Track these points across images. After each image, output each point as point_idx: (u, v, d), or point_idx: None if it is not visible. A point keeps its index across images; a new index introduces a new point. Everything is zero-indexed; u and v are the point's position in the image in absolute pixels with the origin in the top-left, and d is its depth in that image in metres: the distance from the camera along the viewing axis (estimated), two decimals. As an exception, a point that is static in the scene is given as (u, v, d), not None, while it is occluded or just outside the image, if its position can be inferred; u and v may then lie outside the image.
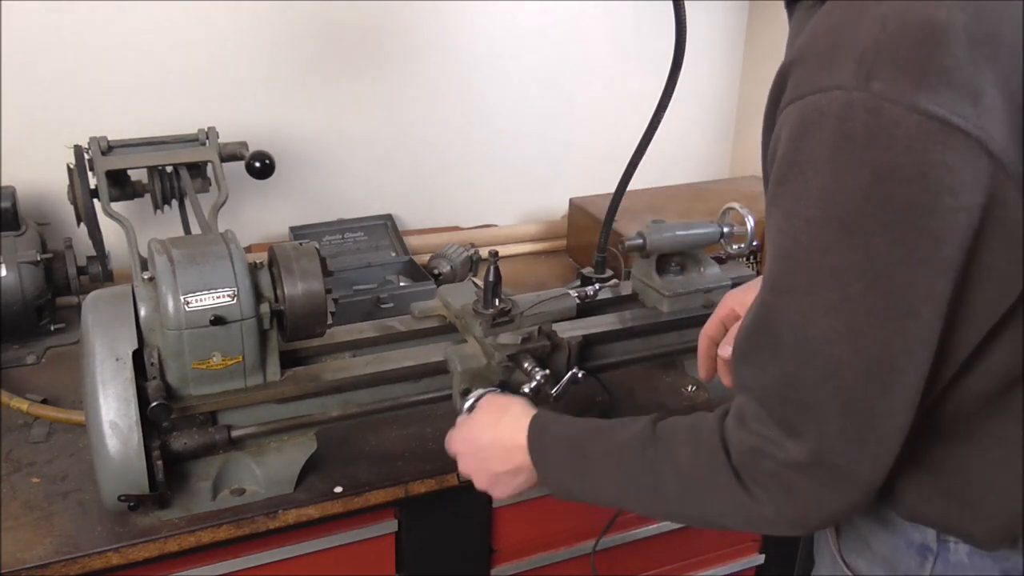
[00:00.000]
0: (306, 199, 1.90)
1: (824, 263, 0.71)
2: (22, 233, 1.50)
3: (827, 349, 0.72)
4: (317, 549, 1.23)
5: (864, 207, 0.68)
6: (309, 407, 1.20)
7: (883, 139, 0.67)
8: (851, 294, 0.71)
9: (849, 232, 0.69)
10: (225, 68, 1.75)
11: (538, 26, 1.98)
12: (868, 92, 0.67)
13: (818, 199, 0.70)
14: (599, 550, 1.32)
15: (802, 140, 0.70)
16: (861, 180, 0.68)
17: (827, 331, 0.72)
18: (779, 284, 0.75)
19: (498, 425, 1.02)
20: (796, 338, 0.74)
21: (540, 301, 1.29)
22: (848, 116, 0.68)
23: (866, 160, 0.67)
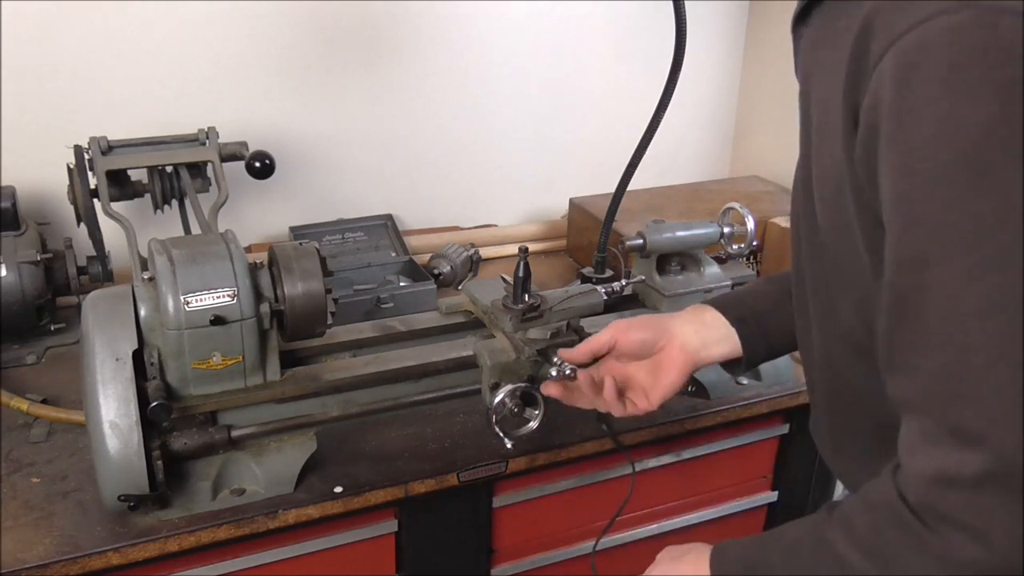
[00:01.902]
0: (306, 199, 1.90)
1: (957, 220, 0.59)
2: (22, 233, 1.50)
3: (987, 325, 0.59)
4: (317, 549, 1.23)
5: (991, 139, 0.57)
6: (309, 407, 1.20)
7: (1002, 54, 0.57)
8: (1000, 249, 0.58)
9: (979, 173, 0.58)
10: (225, 68, 1.75)
11: (538, 26, 1.98)
12: (977, 8, 0.57)
13: (935, 143, 0.59)
14: (599, 550, 1.32)
15: (907, 85, 0.60)
16: (983, 108, 0.57)
17: (981, 301, 0.59)
18: (909, 259, 0.62)
19: (681, 559, 0.91)
20: (945, 319, 0.60)
21: (568, 297, 1.30)
22: (958, 40, 0.58)
23: (986, 82, 0.57)
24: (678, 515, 1.52)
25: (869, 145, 0.65)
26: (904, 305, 0.63)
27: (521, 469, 1.28)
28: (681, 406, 1.40)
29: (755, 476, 1.58)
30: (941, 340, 0.61)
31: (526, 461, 1.28)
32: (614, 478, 1.39)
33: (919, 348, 0.63)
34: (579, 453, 1.31)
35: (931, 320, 0.61)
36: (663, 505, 1.50)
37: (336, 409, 1.21)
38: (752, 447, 1.52)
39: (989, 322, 0.59)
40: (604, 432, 1.31)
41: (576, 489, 1.39)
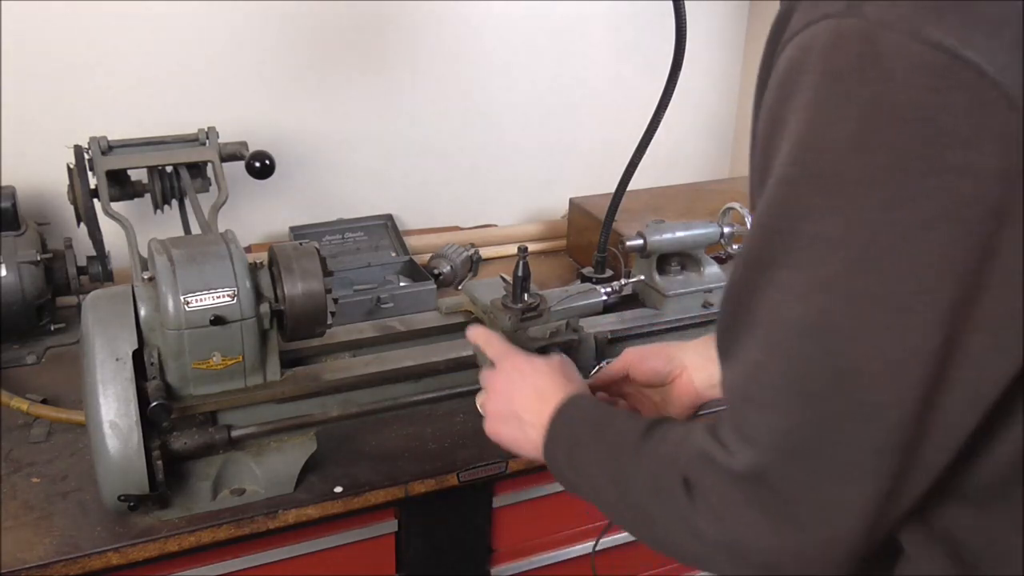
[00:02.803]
0: (306, 199, 1.90)
1: (803, 230, 0.57)
2: (22, 233, 1.50)
3: (793, 341, 0.58)
4: (317, 549, 1.23)
5: (848, 159, 0.55)
6: (309, 407, 1.20)
7: (877, 73, 0.54)
8: (830, 273, 0.56)
9: (830, 192, 0.56)
10: (225, 68, 1.75)
11: (538, 26, 1.98)
12: (861, 18, 0.54)
13: (797, 152, 0.57)
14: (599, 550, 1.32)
15: (785, 87, 0.59)
16: (847, 125, 0.55)
17: (801, 317, 0.58)
18: (753, 256, 0.61)
19: (552, 375, 0.92)
20: (769, 320, 0.60)
21: (567, 296, 1.31)
22: (836, 47, 0.55)
23: (854, 99, 0.54)
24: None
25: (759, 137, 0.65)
26: (742, 295, 0.63)
27: (521, 469, 1.28)
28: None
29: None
30: (761, 338, 0.61)
31: (526, 461, 1.28)
32: (614, 478, 1.39)
33: (746, 342, 0.63)
34: (579, 453, 1.31)
35: (760, 315, 0.61)
36: (663, 505, 1.50)
37: (336, 409, 1.21)
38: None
39: (799, 340, 0.58)
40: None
41: (576, 489, 1.39)
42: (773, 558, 0.62)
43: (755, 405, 0.62)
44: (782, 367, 0.59)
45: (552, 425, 0.86)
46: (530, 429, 0.89)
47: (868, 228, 0.55)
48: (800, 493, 0.59)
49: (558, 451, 0.85)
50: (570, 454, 0.84)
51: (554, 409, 0.87)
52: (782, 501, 0.60)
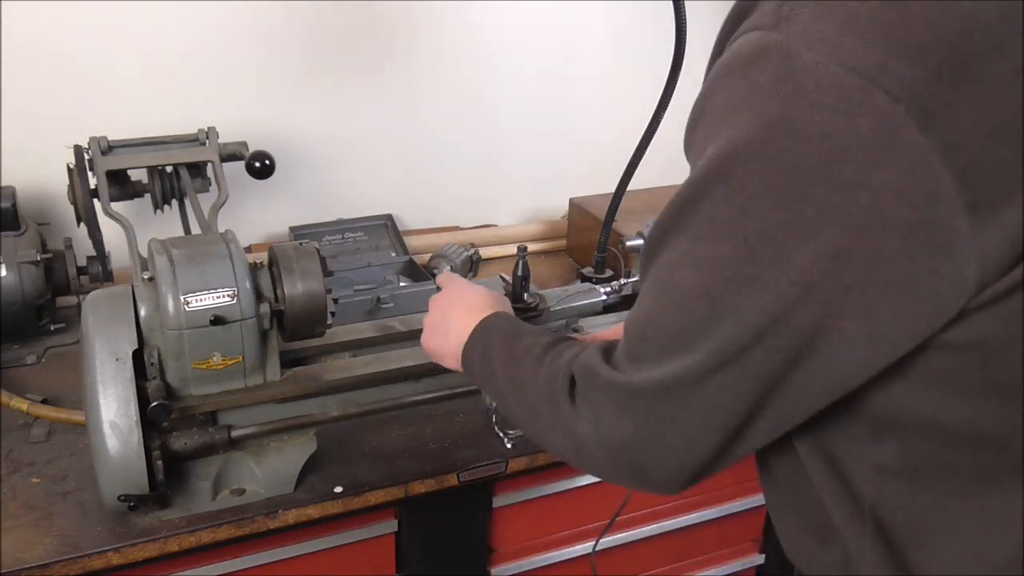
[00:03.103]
0: (306, 199, 1.90)
1: (700, 211, 0.64)
2: (22, 233, 1.50)
3: (685, 302, 0.66)
4: (317, 549, 1.23)
5: (749, 162, 0.60)
6: (309, 407, 1.20)
7: (789, 88, 0.57)
8: (717, 254, 0.63)
9: (728, 185, 0.61)
10: (225, 68, 1.75)
11: (538, 26, 1.98)
12: (785, 34, 0.58)
13: (711, 148, 0.63)
14: (599, 550, 1.32)
15: (713, 83, 0.64)
16: (754, 132, 0.59)
17: (689, 282, 0.66)
18: (666, 221, 0.69)
19: (486, 297, 1.03)
20: (665, 276, 0.69)
21: (567, 296, 1.31)
22: (758, 59, 0.59)
23: (765, 111, 0.58)
24: (678, 515, 1.52)
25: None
26: (650, 250, 0.71)
27: (521, 469, 1.28)
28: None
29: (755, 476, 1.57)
30: (656, 293, 0.70)
31: (526, 461, 1.28)
32: (614, 478, 1.39)
33: (646, 286, 0.72)
34: (579, 453, 1.31)
35: (660, 274, 0.70)
36: (663, 505, 1.50)
37: (336, 409, 1.21)
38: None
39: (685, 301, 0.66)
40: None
41: (576, 489, 1.39)
42: (637, 460, 0.73)
43: (647, 345, 0.71)
44: (673, 321, 0.68)
45: (472, 335, 0.97)
46: (453, 336, 1.00)
47: (754, 223, 0.61)
48: (667, 414, 0.69)
49: (473, 356, 0.96)
50: (482, 359, 0.94)
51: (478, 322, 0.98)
52: (652, 417, 0.70)
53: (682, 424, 0.69)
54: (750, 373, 0.65)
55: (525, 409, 0.85)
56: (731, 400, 0.66)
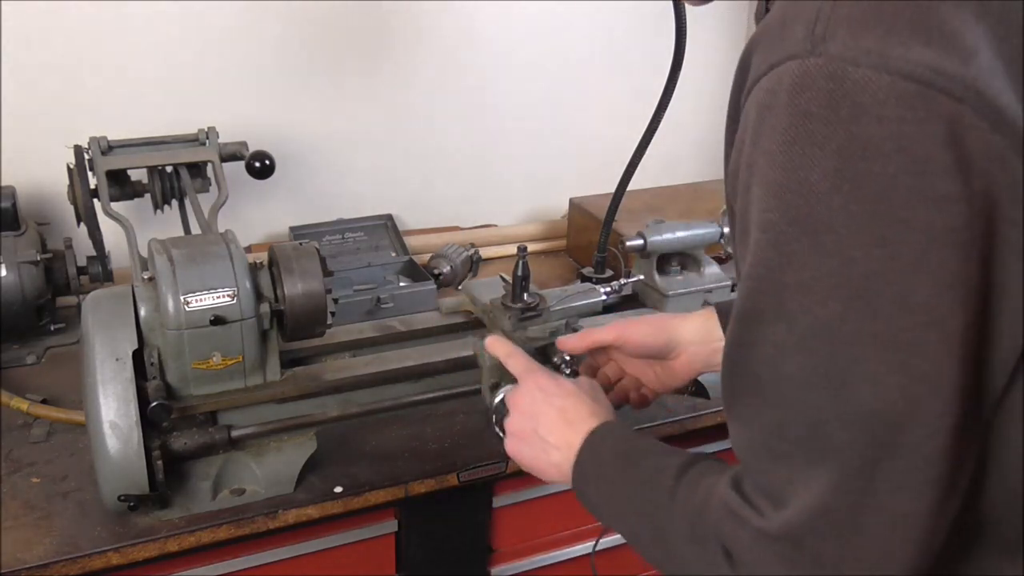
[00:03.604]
0: (306, 199, 1.90)
1: (791, 279, 0.56)
2: (22, 233, 1.50)
3: (806, 395, 0.56)
4: (317, 549, 1.23)
5: (830, 199, 0.53)
6: (309, 407, 1.20)
7: (847, 109, 0.53)
8: (824, 318, 0.55)
9: (815, 234, 0.54)
10: (225, 68, 1.75)
11: (538, 26, 1.98)
12: (825, 56, 0.54)
13: (775, 197, 0.56)
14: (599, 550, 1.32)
15: (758, 132, 0.57)
16: (823, 165, 0.53)
17: (803, 369, 0.56)
18: (747, 312, 0.60)
19: (579, 397, 0.90)
20: (771, 377, 0.59)
21: (567, 296, 1.31)
22: (803, 87, 0.54)
23: (829, 138, 0.53)
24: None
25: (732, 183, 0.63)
26: (742, 353, 0.61)
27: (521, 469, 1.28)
28: (681, 406, 1.40)
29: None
30: (771, 398, 0.59)
31: (526, 461, 1.28)
32: (614, 478, 1.39)
33: (753, 402, 0.61)
34: (579, 453, 1.31)
35: (763, 376, 0.59)
36: (663, 505, 1.50)
37: (336, 409, 1.21)
38: (752, 447, 1.52)
39: (807, 393, 0.57)
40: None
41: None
42: None
43: (780, 466, 0.60)
44: (799, 424, 0.58)
45: (581, 454, 0.84)
46: (555, 452, 0.87)
47: (859, 268, 0.53)
48: (840, 552, 0.57)
49: (587, 483, 0.84)
50: (599, 488, 0.82)
51: (583, 436, 0.85)
52: (821, 563, 0.58)
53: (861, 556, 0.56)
54: (917, 453, 0.54)
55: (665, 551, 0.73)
56: (909, 501, 0.55)
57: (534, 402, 0.91)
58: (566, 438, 0.86)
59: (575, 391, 0.91)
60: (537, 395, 0.91)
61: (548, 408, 0.89)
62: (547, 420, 0.89)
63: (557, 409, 0.89)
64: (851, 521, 0.56)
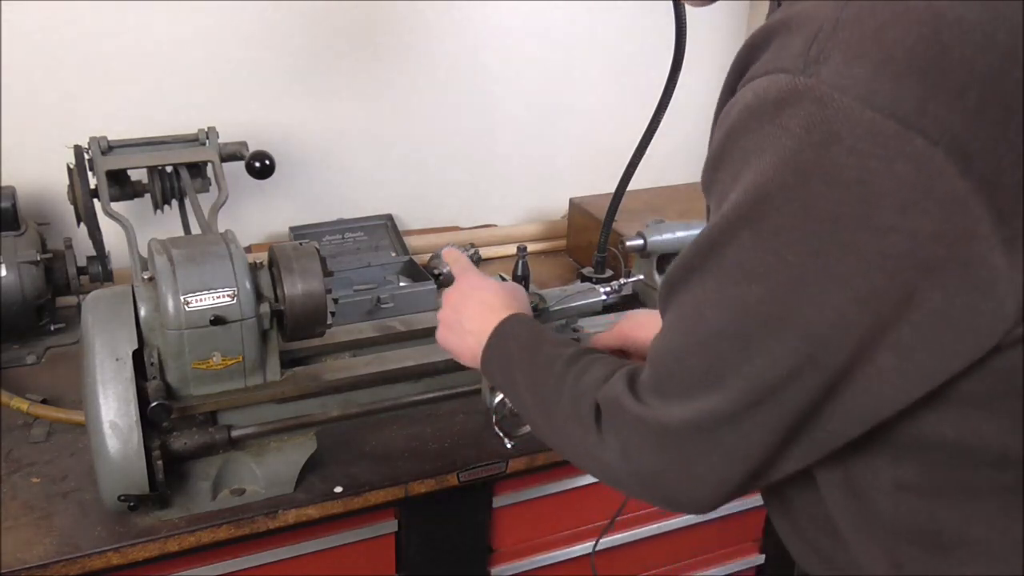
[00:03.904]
0: (306, 199, 1.90)
1: (730, 255, 0.63)
2: (22, 233, 1.50)
3: (715, 342, 0.66)
4: (317, 549, 1.23)
5: (783, 209, 0.59)
6: (309, 407, 1.20)
7: (823, 135, 0.56)
8: (749, 295, 0.63)
9: (760, 233, 0.61)
10: (225, 68, 1.75)
11: (538, 26, 1.98)
12: (816, 78, 0.56)
13: (738, 193, 0.61)
14: (599, 550, 1.32)
15: (736, 127, 0.62)
16: (787, 178, 0.58)
17: (719, 322, 0.65)
18: (687, 263, 0.68)
19: (500, 293, 1.01)
20: (694, 313, 0.68)
21: (566, 296, 1.30)
22: (787, 104, 0.57)
23: (798, 157, 0.57)
24: (678, 515, 1.51)
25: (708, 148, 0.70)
26: (676, 282, 0.70)
27: (521, 469, 1.28)
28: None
29: (755, 476, 1.58)
30: (685, 328, 0.69)
31: (526, 461, 1.28)
32: (614, 478, 1.39)
33: (674, 321, 0.71)
34: (579, 453, 1.31)
35: (686, 309, 0.69)
36: (663, 505, 1.50)
37: (336, 409, 1.21)
38: (752, 447, 1.52)
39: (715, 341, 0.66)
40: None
41: (576, 489, 1.39)
42: (668, 490, 0.73)
43: (675, 381, 0.70)
44: (701, 358, 0.68)
45: (491, 338, 0.95)
46: (470, 337, 0.99)
47: (790, 269, 0.60)
48: (699, 453, 0.69)
49: (492, 362, 0.95)
50: (502, 367, 0.93)
51: (495, 323, 0.96)
52: (683, 455, 0.70)
53: (713, 459, 0.69)
54: (782, 410, 0.64)
55: (549, 425, 0.86)
56: (763, 436, 0.66)
57: (462, 295, 1.03)
58: (482, 326, 0.97)
59: (498, 288, 1.03)
60: (466, 290, 1.03)
61: (472, 301, 1.01)
62: (469, 310, 1.00)
63: (478, 301, 1.01)
64: (714, 437, 0.68)
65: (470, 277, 1.06)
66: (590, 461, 0.81)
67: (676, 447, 0.70)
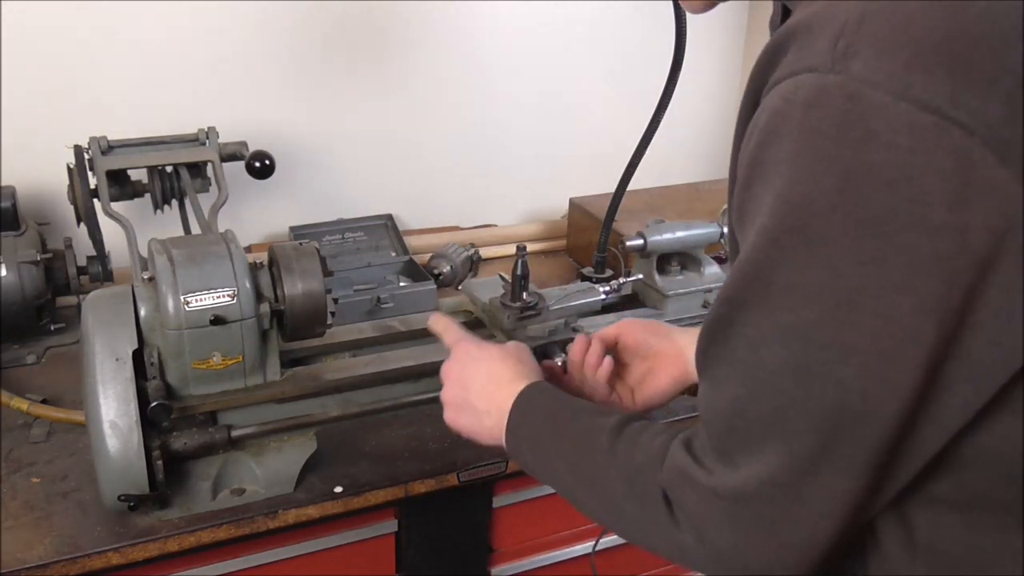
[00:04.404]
0: (306, 199, 1.90)
1: (780, 279, 0.59)
2: (22, 233, 1.50)
3: (776, 381, 0.60)
4: (317, 549, 1.23)
5: (829, 216, 0.55)
6: (309, 407, 1.20)
7: (859, 132, 0.54)
8: (806, 320, 0.58)
9: (809, 245, 0.57)
10: (225, 68, 1.75)
11: (538, 26, 1.98)
12: (845, 74, 0.54)
13: (776, 205, 0.58)
14: (599, 550, 1.32)
15: (766, 135, 0.59)
16: (827, 183, 0.55)
17: (778, 358, 0.60)
18: (733, 297, 0.63)
19: (505, 360, 0.93)
20: (748, 357, 0.62)
21: (566, 295, 1.31)
22: (819, 104, 0.55)
23: (837, 158, 0.54)
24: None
25: (733, 171, 0.65)
26: (721, 331, 0.65)
27: (521, 469, 1.28)
28: (681, 406, 1.39)
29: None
30: (741, 374, 0.63)
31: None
32: (614, 478, 1.39)
33: (725, 370, 0.65)
34: (579, 453, 1.31)
35: (739, 352, 0.63)
36: (663, 505, 1.50)
37: (336, 409, 1.21)
38: (752, 447, 1.52)
39: (778, 379, 0.61)
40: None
41: (576, 489, 1.39)
42: (753, 565, 0.66)
43: (739, 436, 0.64)
44: (763, 404, 0.62)
45: (512, 417, 0.87)
46: (485, 417, 0.90)
47: (846, 281, 0.56)
48: (781, 515, 0.63)
49: (521, 443, 0.87)
50: (533, 446, 0.86)
51: (511, 398, 0.88)
52: (765, 522, 0.63)
53: (798, 521, 0.62)
54: (862, 444, 0.59)
55: (603, 507, 0.79)
56: (848, 481, 0.60)
57: (464, 369, 0.94)
58: (496, 402, 0.89)
59: (501, 354, 0.94)
60: (466, 362, 0.95)
61: (476, 373, 0.93)
62: (476, 386, 0.92)
63: (485, 373, 0.92)
64: (795, 492, 0.61)
65: (467, 347, 0.97)
66: (661, 543, 0.73)
67: (754, 514, 0.63)
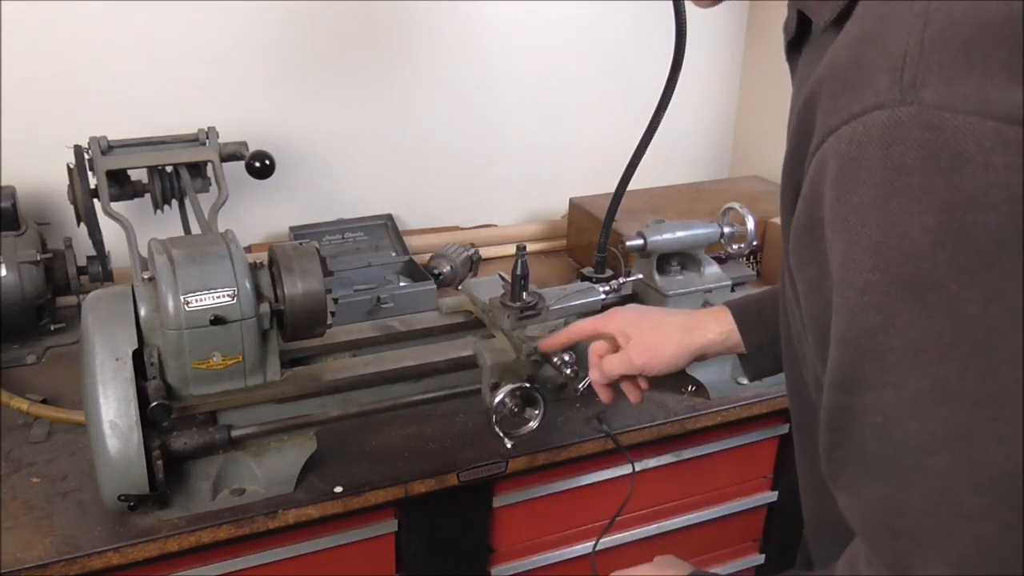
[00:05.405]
0: (306, 199, 1.90)
1: (897, 342, 0.52)
2: (22, 233, 1.50)
3: (928, 461, 0.53)
4: (317, 549, 1.23)
5: (935, 255, 0.50)
6: (309, 407, 1.20)
7: (948, 160, 0.49)
8: (943, 379, 0.51)
9: (921, 293, 0.51)
10: (225, 68, 1.75)
11: (538, 26, 1.98)
12: (919, 104, 0.50)
13: (873, 257, 0.52)
14: (599, 550, 1.32)
15: (843, 185, 0.53)
16: (925, 220, 0.50)
17: (922, 434, 0.53)
18: (846, 379, 0.56)
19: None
20: (884, 449, 0.55)
21: (565, 295, 1.31)
22: (896, 139, 0.51)
23: (929, 191, 0.50)
24: (678, 515, 1.52)
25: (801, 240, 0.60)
26: (840, 425, 0.58)
27: (521, 469, 1.28)
28: (681, 406, 1.40)
29: (755, 476, 1.58)
30: (881, 470, 0.56)
31: (526, 461, 1.28)
32: (614, 478, 1.39)
33: (858, 473, 0.58)
34: (579, 453, 1.31)
35: (868, 446, 0.56)
36: (663, 505, 1.50)
37: (336, 409, 1.21)
38: (752, 447, 1.52)
39: (930, 458, 0.53)
40: (603, 432, 1.31)
41: (576, 489, 1.39)
42: None
43: (903, 539, 0.56)
44: (919, 495, 0.54)
45: None
46: None
47: (974, 323, 0.50)
48: None
49: None
50: None
51: None
52: None
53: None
54: None
55: None
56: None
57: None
58: None
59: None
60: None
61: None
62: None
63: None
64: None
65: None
66: None
67: None
